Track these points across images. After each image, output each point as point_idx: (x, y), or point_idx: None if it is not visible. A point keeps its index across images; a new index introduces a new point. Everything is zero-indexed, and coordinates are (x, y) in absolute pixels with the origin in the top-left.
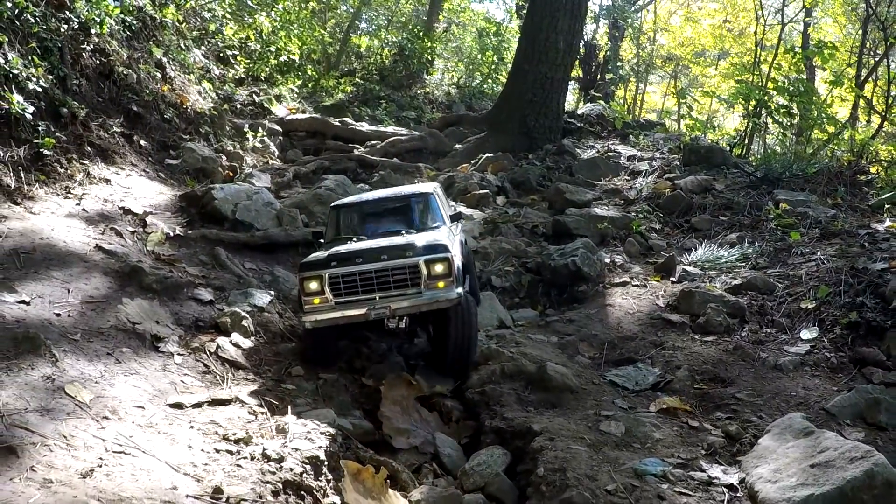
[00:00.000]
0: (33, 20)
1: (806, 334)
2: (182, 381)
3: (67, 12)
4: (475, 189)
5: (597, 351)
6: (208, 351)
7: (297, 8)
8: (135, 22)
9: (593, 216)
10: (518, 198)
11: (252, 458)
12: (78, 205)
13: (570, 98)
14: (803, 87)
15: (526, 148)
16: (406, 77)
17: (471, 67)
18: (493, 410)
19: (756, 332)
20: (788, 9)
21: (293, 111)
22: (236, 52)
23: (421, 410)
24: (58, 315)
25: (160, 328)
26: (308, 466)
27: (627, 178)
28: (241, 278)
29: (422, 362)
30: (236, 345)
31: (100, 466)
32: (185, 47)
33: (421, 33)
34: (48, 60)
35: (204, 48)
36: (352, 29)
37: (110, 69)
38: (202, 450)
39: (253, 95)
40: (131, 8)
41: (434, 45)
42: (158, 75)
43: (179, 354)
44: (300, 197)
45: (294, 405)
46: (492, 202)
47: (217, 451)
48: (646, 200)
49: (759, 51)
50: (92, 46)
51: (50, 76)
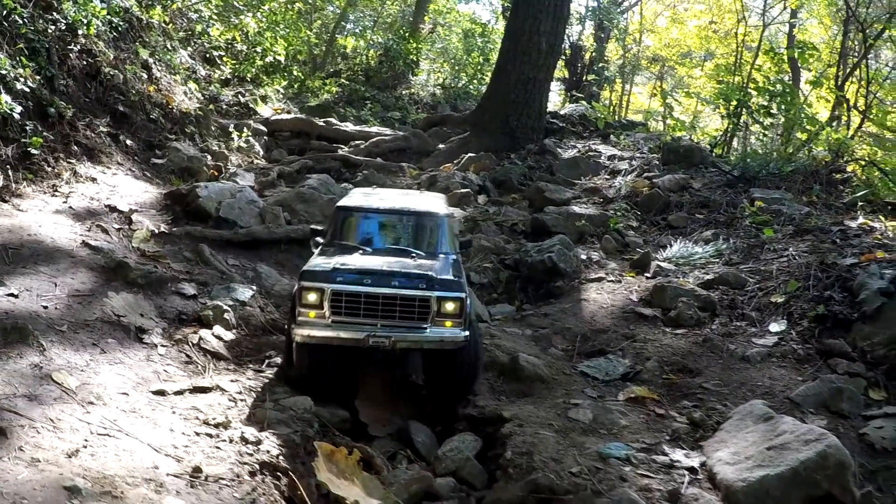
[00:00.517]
0: (21, 21)
1: (775, 327)
2: (165, 371)
3: (55, 13)
4: (457, 188)
5: (569, 343)
6: (191, 342)
7: (284, 9)
8: (121, 23)
9: (571, 214)
10: (499, 197)
11: (231, 441)
12: (65, 202)
13: (557, 99)
14: (784, 88)
15: (508, 148)
16: (391, 78)
17: (456, 68)
18: (467, 399)
19: (726, 326)
20: (773, 10)
21: (278, 111)
22: (222, 53)
23: (397, 400)
24: (45, 307)
25: (144, 321)
26: (285, 449)
27: (607, 178)
28: (225, 274)
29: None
30: (218, 337)
31: (85, 447)
32: (172, 48)
33: (406, 34)
34: (36, 61)
35: (190, 49)
36: (338, 30)
37: (97, 70)
38: (183, 433)
39: (238, 96)
40: (118, 9)
41: (419, 46)
42: (145, 76)
43: (163, 346)
44: (283, 195)
45: (273, 393)
46: (473, 201)
47: (197, 435)
48: (624, 199)
49: (744, 51)
50: (79, 47)
51: (37, 76)
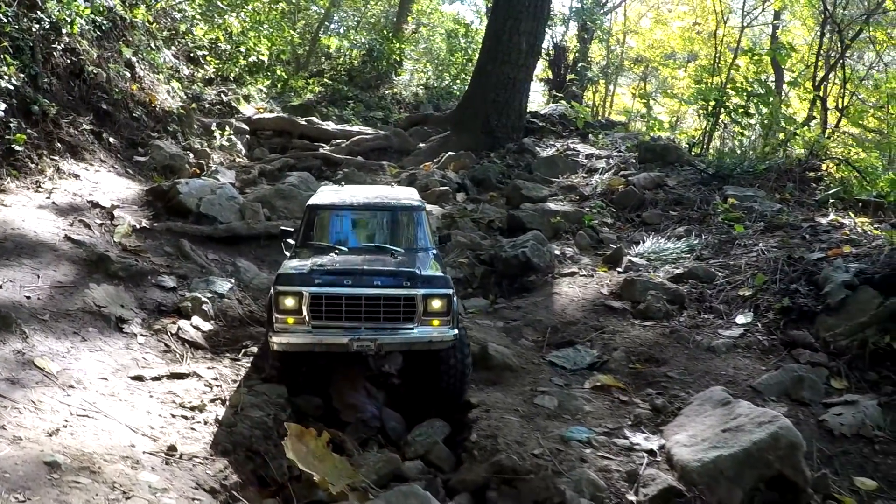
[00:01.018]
0: (5, 20)
1: (741, 319)
2: (144, 358)
3: (39, 12)
4: (436, 186)
5: (540, 335)
6: (169, 332)
7: (267, 9)
8: (105, 22)
9: (547, 211)
10: (478, 195)
11: (205, 423)
12: (48, 198)
13: (541, 99)
14: (761, 88)
15: (488, 147)
16: (374, 78)
17: (440, 69)
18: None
19: (694, 318)
20: (754, 12)
21: (261, 111)
22: (206, 53)
23: (370, 388)
24: (28, 298)
25: (125, 311)
26: (257, 431)
27: (584, 176)
28: (204, 268)
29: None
30: (196, 327)
31: (65, 427)
32: (155, 47)
33: (390, 34)
34: (20, 59)
35: (174, 48)
36: (321, 30)
37: (80, 68)
38: (160, 415)
39: (221, 95)
40: (102, 8)
41: (403, 47)
42: (128, 74)
43: (142, 335)
44: (263, 192)
45: (248, 379)
46: (451, 199)
47: (173, 417)
48: (600, 196)
49: (727, 51)
50: (63, 46)
51: (21, 74)
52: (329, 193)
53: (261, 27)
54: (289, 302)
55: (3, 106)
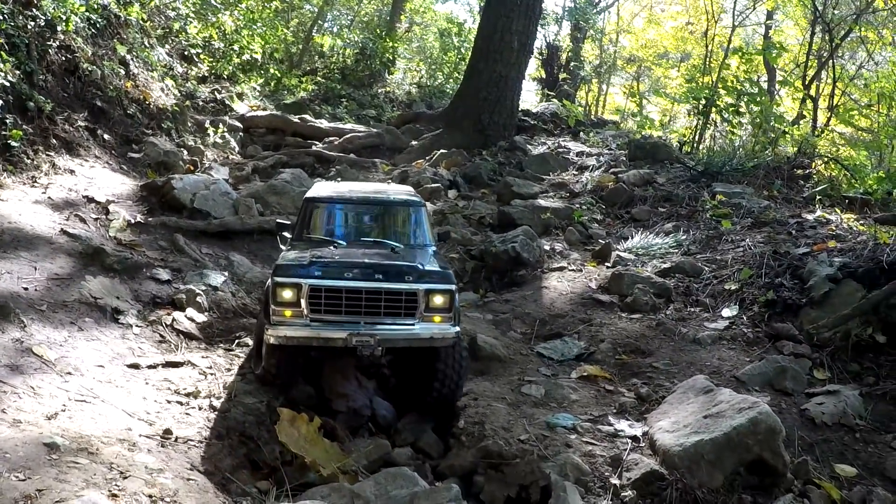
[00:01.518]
0: (1, 17)
1: (726, 312)
2: (139, 348)
3: (34, 10)
4: (427, 183)
5: (528, 327)
6: (164, 323)
7: (261, 7)
8: (100, 20)
9: (537, 207)
10: (469, 192)
11: (200, 409)
12: (44, 193)
13: (535, 98)
14: (752, 87)
15: (480, 144)
16: (368, 76)
17: (433, 67)
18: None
19: (680, 311)
20: (746, 12)
21: (255, 108)
22: (200, 51)
23: (361, 377)
24: (25, 289)
25: (120, 303)
26: (250, 417)
27: (575, 173)
28: (198, 262)
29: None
30: (191, 319)
31: (63, 411)
32: (150, 45)
33: (383, 33)
34: (15, 56)
35: (168, 46)
36: (315, 28)
37: (75, 65)
38: (155, 401)
39: (215, 93)
40: (96, 6)
41: (396, 46)
42: (122, 72)
43: (138, 326)
44: (256, 188)
45: (242, 367)
46: (443, 196)
47: (168, 402)
48: (590, 193)
49: (719, 51)
50: (58, 43)
51: (17, 71)
52: (328, 187)
53: (254, 25)
54: (287, 294)
55: (0, 102)
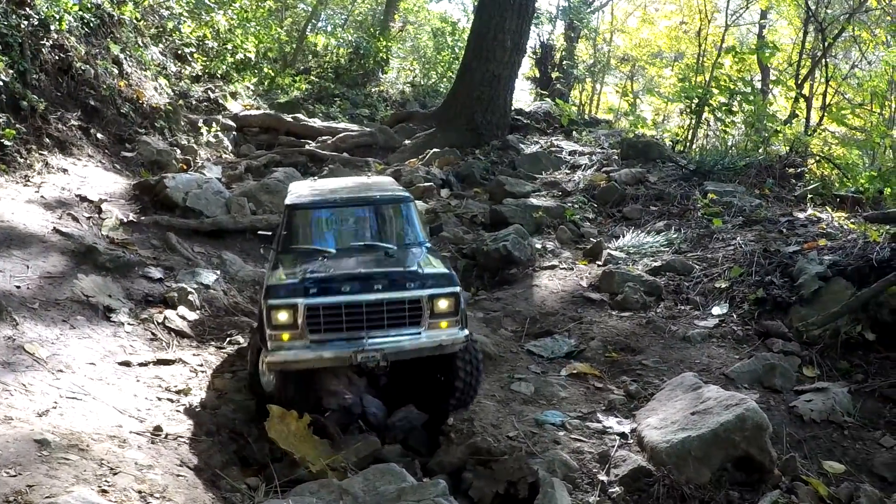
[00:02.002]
0: None
1: (717, 310)
2: (131, 346)
3: (28, 9)
4: (420, 182)
5: (519, 325)
6: (156, 321)
7: (255, 6)
8: (93, 19)
9: (529, 206)
10: (462, 191)
11: (190, 406)
12: (37, 192)
13: (529, 98)
14: (745, 87)
15: (473, 143)
16: (361, 76)
17: (427, 67)
18: None
19: (670, 309)
20: (740, 11)
21: (248, 108)
22: (193, 50)
23: (351, 375)
24: (18, 287)
25: (112, 301)
26: (241, 414)
27: (567, 172)
28: (190, 260)
29: None
30: (182, 317)
31: (54, 408)
32: (143, 44)
33: (377, 32)
34: (9, 55)
35: (162, 45)
36: (308, 27)
37: (69, 65)
38: (146, 398)
39: (209, 92)
40: (90, 5)
41: (390, 45)
42: (115, 71)
43: (129, 324)
44: (249, 186)
45: (232, 365)
46: (436, 195)
47: (159, 399)
48: (582, 192)
49: (713, 50)
50: (51, 42)
51: (11, 70)
52: (307, 190)
53: (248, 25)
54: (283, 316)
55: None
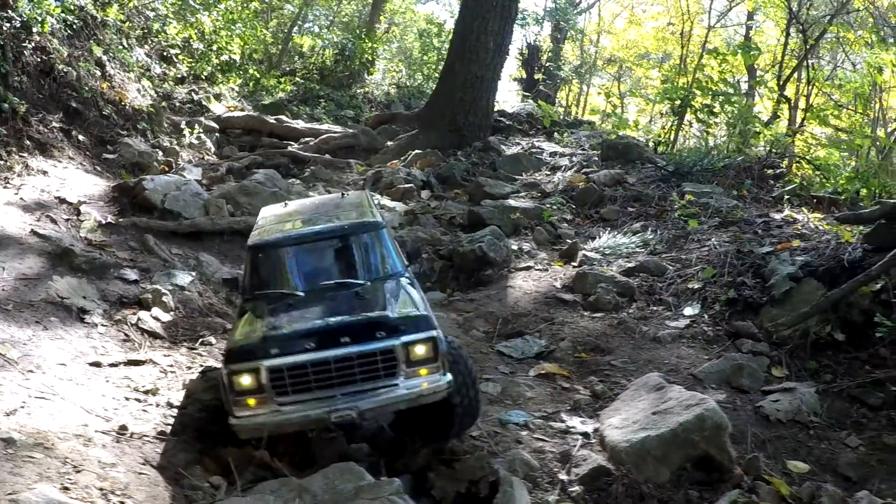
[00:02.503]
0: None
1: (688, 310)
2: (103, 347)
3: (10, 11)
4: (400, 183)
5: (491, 326)
6: (129, 322)
7: (240, 8)
8: (76, 21)
9: (507, 207)
10: (443, 192)
11: (157, 406)
12: (16, 194)
13: (515, 99)
14: (728, 87)
15: (455, 145)
16: (347, 77)
17: (412, 68)
18: None
19: (643, 310)
20: (725, 11)
21: (232, 109)
22: (179, 52)
23: None
24: None
25: (87, 302)
26: (206, 414)
27: (547, 173)
28: (167, 262)
29: None
30: (156, 318)
31: (22, 408)
32: (127, 46)
33: (362, 34)
34: None
35: (147, 47)
36: (294, 29)
37: (51, 67)
38: (114, 398)
39: (192, 94)
40: (73, 7)
41: (375, 46)
42: (98, 73)
43: (103, 325)
44: (228, 188)
45: (202, 365)
46: (416, 196)
47: (127, 399)
48: (561, 193)
49: (699, 51)
50: (33, 44)
51: None
52: (272, 224)
53: (233, 26)
54: (246, 380)
55: None
